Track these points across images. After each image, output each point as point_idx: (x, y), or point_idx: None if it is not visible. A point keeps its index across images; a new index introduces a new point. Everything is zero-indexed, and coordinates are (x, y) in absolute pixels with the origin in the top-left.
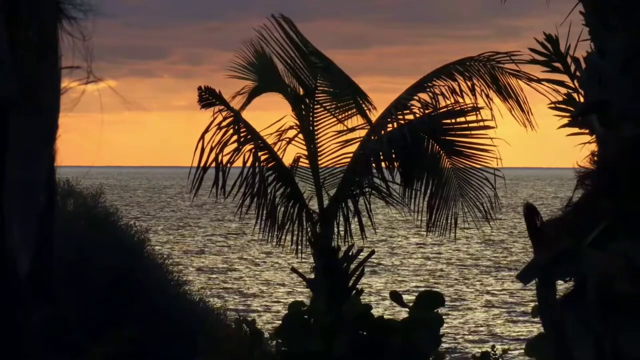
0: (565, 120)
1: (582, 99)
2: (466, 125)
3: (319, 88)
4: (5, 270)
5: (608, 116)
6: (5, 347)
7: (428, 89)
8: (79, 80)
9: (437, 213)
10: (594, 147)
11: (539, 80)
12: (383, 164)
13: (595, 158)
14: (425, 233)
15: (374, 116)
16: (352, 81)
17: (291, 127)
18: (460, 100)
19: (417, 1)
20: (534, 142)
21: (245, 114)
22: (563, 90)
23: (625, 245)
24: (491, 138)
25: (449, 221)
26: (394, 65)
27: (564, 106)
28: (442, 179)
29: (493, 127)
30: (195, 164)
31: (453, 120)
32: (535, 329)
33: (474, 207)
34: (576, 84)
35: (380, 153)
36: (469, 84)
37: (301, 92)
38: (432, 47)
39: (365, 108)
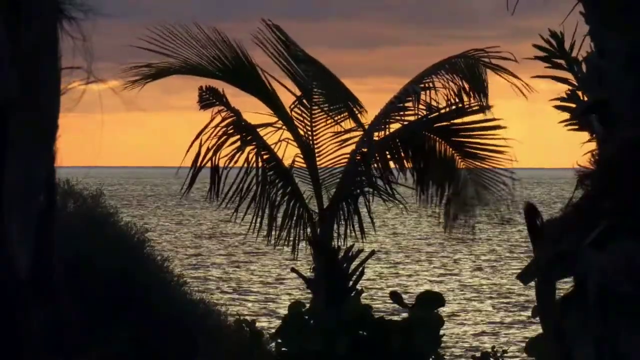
0: (567, 116)
1: (586, 97)
2: (473, 126)
3: (315, 90)
4: (5, 270)
5: (608, 116)
6: (5, 348)
7: (422, 90)
8: (79, 81)
9: (454, 218)
10: (594, 146)
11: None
12: (379, 165)
13: (596, 158)
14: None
15: (367, 117)
16: (343, 85)
17: (272, 126)
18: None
19: (428, 1)
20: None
21: (244, 114)
22: (565, 87)
23: (625, 245)
24: (504, 138)
25: (466, 224)
26: (403, 66)
27: (565, 104)
28: (459, 182)
29: (504, 127)
30: (195, 164)
31: (461, 120)
32: (535, 329)
33: (490, 211)
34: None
35: (376, 153)
36: (462, 83)
37: (291, 92)
38: (441, 48)
39: (357, 112)
